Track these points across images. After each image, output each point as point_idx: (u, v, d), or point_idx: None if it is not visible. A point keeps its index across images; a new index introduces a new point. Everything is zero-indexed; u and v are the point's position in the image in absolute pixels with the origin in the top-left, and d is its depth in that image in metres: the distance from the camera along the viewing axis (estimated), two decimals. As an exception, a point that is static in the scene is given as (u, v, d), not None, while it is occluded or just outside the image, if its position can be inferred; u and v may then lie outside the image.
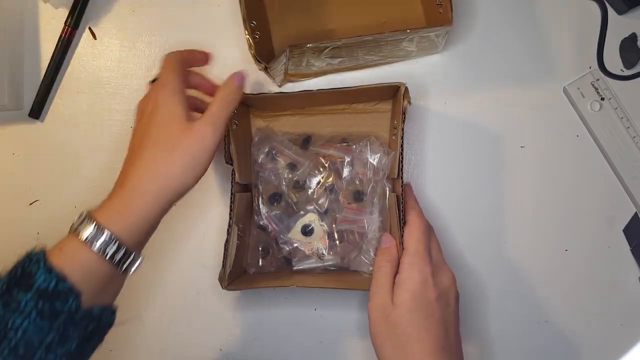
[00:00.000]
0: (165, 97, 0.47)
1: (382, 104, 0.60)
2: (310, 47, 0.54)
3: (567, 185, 0.60)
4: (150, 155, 0.46)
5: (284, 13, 0.62)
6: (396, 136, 0.55)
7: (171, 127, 0.46)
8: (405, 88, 0.52)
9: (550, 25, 0.61)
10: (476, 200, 0.60)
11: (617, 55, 0.60)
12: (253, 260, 0.58)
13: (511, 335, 0.59)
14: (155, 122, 0.47)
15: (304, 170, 0.58)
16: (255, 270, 0.58)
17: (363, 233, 0.57)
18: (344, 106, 0.60)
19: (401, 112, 0.53)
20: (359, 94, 0.57)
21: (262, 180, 0.59)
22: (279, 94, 0.57)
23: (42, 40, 0.64)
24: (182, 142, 0.45)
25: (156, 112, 0.47)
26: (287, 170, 0.58)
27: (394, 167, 0.55)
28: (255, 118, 0.61)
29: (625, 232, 0.59)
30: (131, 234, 0.44)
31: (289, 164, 0.58)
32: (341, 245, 0.58)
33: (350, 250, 0.57)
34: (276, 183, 0.58)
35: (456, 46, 0.62)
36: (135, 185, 0.45)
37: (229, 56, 0.63)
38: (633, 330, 0.59)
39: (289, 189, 0.58)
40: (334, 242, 0.58)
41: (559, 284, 0.60)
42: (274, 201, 0.58)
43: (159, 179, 0.45)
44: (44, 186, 0.64)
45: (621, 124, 0.60)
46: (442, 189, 0.61)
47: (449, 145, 0.61)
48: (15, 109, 0.63)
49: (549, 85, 0.61)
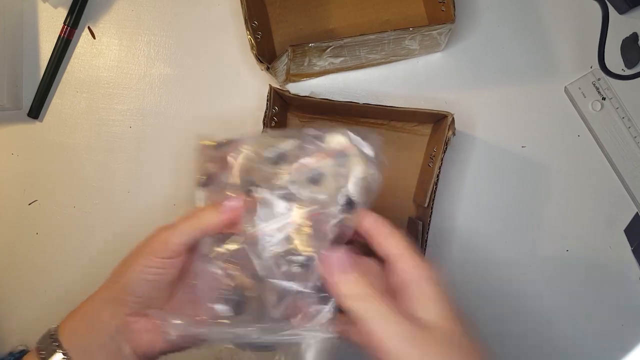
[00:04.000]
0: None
1: (422, 127, 0.59)
2: (312, 46, 0.54)
3: (568, 185, 0.60)
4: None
5: (286, 13, 0.61)
6: (432, 165, 0.54)
7: None
8: (452, 118, 0.52)
9: (552, 24, 0.61)
10: (475, 200, 0.60)
11: (619, 55, 0.60)
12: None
13: (511, 335, 0.59)
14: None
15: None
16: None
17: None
18: (382, 121, 0.60)
19: (443, 142, 0.52)
20: (400, 114, 0.57)
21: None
22: (324, 100, 0.56)
23: (41, 39, 0.64)
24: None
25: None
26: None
27: (425, 195, 0.53)
28: (293, 117, 0.61)
29: (626, 232, 0.59)
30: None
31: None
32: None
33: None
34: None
35: (458, 45, 0.62)
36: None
37: (229, 56, 0.63)
38: (634, 330, 0.59)
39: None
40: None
41: (560, 284, 0.59)
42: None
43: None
44: (43, 186, 0.63)
45: (622, 123, 0.60)
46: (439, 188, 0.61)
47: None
48: (14, 109, 0.63)
49: (550, 84, 0.61)
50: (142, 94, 0.64)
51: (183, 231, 0.42)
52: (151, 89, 0.64)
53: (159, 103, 0.63)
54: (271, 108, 0.55)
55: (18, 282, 0.63)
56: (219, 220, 0.41)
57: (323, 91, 0.62)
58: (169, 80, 0.64)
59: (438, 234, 0.59)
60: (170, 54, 0.64)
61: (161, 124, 0.63)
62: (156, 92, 0.64)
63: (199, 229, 0.42)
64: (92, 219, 0.63)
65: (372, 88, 0.62)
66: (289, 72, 0.59)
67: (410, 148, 0.59)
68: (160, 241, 0.42)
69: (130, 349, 0.42)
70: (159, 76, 0.64)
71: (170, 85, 0.63)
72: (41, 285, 0.63)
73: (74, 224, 0.63)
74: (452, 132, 0.52)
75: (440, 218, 0.60)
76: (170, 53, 0.64)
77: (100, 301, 0.43)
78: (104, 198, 0.63)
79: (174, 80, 0.63)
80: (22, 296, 0.63)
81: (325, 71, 0.61)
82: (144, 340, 0.42)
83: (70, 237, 0.62)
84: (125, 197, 0.62)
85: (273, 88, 0.54)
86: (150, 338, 0.42)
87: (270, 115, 0.55)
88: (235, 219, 0.41)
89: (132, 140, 0.63)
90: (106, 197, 0.63)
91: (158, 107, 0.63)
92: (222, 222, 0.42)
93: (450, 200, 0.60)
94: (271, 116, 0.55)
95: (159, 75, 0.64)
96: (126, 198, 0.62)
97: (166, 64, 0.64)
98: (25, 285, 0.63)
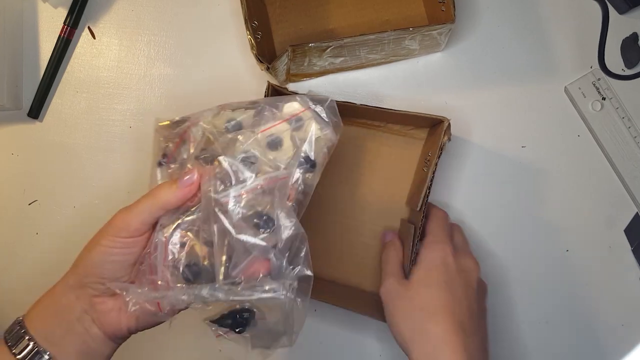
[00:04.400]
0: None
1: (418, 130, 0.59)
2: (312, 46, 0.54)
3: (568, 185, 0.60)
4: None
5: (286, 13, 0.61)
6: (427, 169, 0.54)
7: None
8: (448, 124, 0.52)
9: (552, 24, 0.61)
10: (474, 200, 0.60)
11: (619, 55, 0.60)
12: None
13: (511, 335, 0.59)
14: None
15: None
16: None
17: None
18: (379, 123, 0.60)
19: (438, 147, 0.52)
20: (398, 117, 0.57)
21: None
22: None
23: (41, 39, 0.64)
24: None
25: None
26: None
27: (418, 199, 0.54)
28: None
29: (626, 232, 0.59)
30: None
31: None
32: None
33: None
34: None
35: (458, 44, 0.62)
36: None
37: (229, 56, 0.63)
38: (634, 330, 0.59)
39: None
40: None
41: (560, 284, 0.59)
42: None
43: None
44: (43, 186, 0.63)
45: (622, 123, 0.60)
46: (435, 191, 0.61)
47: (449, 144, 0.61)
48: (14, 109, 0.63)
49: (550, 84, 0.61)
50: (142, 94, 0.64)
51: (142, 210, 0.42)
52: (151, 89, 0.64)
53: (159, 103, 0.63)
54: None
55: (18, 282, 0.63)
56: (176, 196, 0.43)
57: (323, 91, 0.62)
58: (169, 80, 0.64)
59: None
60: (170, 54, 0.64)
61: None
62: (156, 92, 0.64)
63: (158, 206, 0.43)
64: (92, 219, 0.63)
65: (372, 88, 0.62)
66: (289, 72, 0.59)
67: (405, 151, 0.59)
68: (120, 222, 0.43)
69: (98, 329, 0.43)
70: (159, 76, 0.64)
71: (170, 85, 0.63)
72: (41, 285, 0.62)
73: (74, 224, 0.63)
74: (447, 138, 0.52)
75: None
76: (170, 53, 0.64)
77: (65, 286, 0.43)
78: (104, 198, 0.63)
79: (174, 80, 0.63)
80: (22, 296, 0.63)
81: (325, 71, 0.61)
82: (111, 320, 0.43)
83: (70, 237, 0.62)
84: (125, 197, 0.62)
85: (271, 84, 0.54)
86: (116, 317, 0.43)
87: None
88: (192, 192, 0.43)
89: (132, 140, 0.63)
90: (106, 197, 0.63)
91: (158, 107, 0.63)
92: (179, 198, 0.43)
93: (447, 202, 0.60)
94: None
95: (159, 75, 0.64)
96: (126, 198, 0.62)
97: (166, 64, 0.64)
98: (25, 285, 0.63)
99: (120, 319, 0.43)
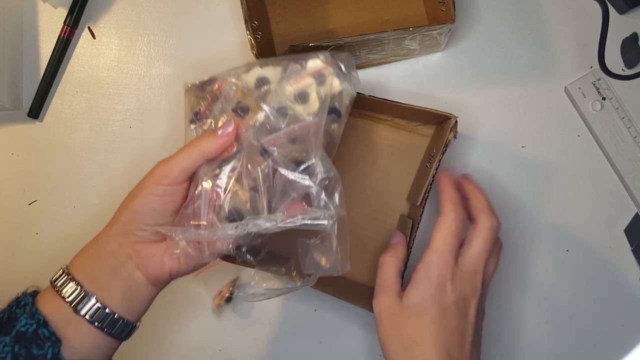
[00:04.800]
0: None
1: (425, 127, 0.59)
2: (311, 46, 0.54)
3: (568, 185, 0.60)
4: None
5: (286, 13, 0.61)
6: (430, 165, 0.54)
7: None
8: (455, 121, 0.52)
9: (552, 24, 0.61)
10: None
11: (619, 55, 0.60)
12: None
13: (511, 335, 0.59)
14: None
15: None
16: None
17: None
18: (386, 117, 0.60)
19: (443, 143, 0.52)
20: (405, 111, 0.57)
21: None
22: None
23: (41, 39, 0.64)
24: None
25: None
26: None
27: (419, 194, 0.53)
28: None
29: (626, 232, 0.59)
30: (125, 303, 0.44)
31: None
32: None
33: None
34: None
35: (458, 45, 0.62)
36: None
37: (229, 56, 0.63)
38: (634, 330, 0.59)
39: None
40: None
41: (560, 284, 0.59)
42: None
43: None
44: (43, 186, 0.63)
45: (622, 123, 0.60)
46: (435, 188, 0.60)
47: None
48: (14, 109, 0.63)
49: (550, 84, 0.61)
50: (142, 94, 0.64)
51: (183, 158, 0.44)
52: (151, 89, 0.64)
53: (159, 103, 0.63)
54: None
55: (18, 282, 0.63)
56: (216, 144, 0.44)
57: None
58: (169, 80, 0.64)
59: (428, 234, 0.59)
60: (170, 54, 0.64)
61: (161, 124, 0.63)
62: (156, 92, 0.64)
63: (199, 154, 0.44)
64: (92, 219, 0.63)
65: (372, 88, 0.61)
66: (289, 72, 0.59)
67: (410, 147, 0.59)
68: (162, 170, 0.44)
69: (142, 274, 0.45)
70: (159, 76, 0.64)
71: (170, 85, 0.63)
72: (41, 285, 0.63)
73: (74, 224, 0.63)
74: (453, 135, 0.52)
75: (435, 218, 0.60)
76: (170, 53, 0.64)
77: (108, 234, 0.45)
78: (104, 198, 0.63)
79: (174, 80, 0.64)
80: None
81: (325, 71, 0.61)
82: (154, 265, 0.45)
83: (70, 237, 0.62)
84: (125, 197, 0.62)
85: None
86: (159, 261, 0.45)
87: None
88: (231, 141, 0.45)
89: (132, 140, 0.63)
90: (106, 197, 0.63)
91: (158, 107, 0.63)
92: (219, 145, 0.45)
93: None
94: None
95: (159, 75, 0.64)
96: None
97: (166, 64, 0.64)
98: (25, 285, 0.63)
99: (164, 263, 0.45)
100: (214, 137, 0.45)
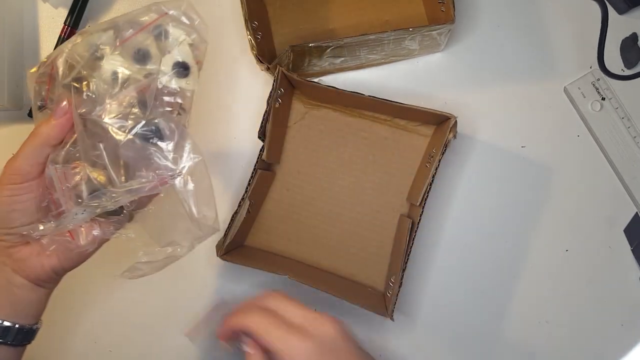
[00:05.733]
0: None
1: (424, 127, 0.59)
2: (312, 46, 0.54)
3: (568, 185, 0.60)
4: None
5: (286, 13, 0.62)
6: (429, 165, 0.54)
7: None
8: (455, 121, 0.52)
9: (551, 24, 0.61)
10: (473, 200, 0.60)
11: (618, 55, 0.60)
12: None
13: (511, 335, 0.59)
14: None
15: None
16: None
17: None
18: (386, 117, 0.60)
19: (443, 144, 0.52)
20: (405, 111, 0.57)
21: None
22: (330, 87, 0.56)
23: (41, 39, 0.64)
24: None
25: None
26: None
27: (418, 194, 0.54)
28: (297, 101, 0.61)
29: (625, 232, 0.59)
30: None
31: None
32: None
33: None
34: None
35: (457, 45, 0.62)
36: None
37: (229, 56, 0.63)
38: (633, 330, 0.59)
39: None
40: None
41: (560, 284, 0.59)
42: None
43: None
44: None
45: (622, 123, 0.60)
46: (435, 188, 0.61)
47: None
48: (14, 109, 0.63)
49: (550, 84, 0.61)
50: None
51: (27, 152, 0.43)
52: (151, 89, 0.63)
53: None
54: (277, 89, 0.55)
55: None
56: (54, 127, 0.42)
57: (323, 91, 0.62)
58: (169, 81, 0.63)
59: (428, 234, 0.60)
60: (171, 54, 0.64)
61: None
62: (156, 92, 0.63)
63: (41, 143, 0.43)
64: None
65: (372, 88, 0.61)
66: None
67: (410, 147, 0.59)
68: (11, 169, 0.43)
69: (21, 278, 0.43)
70: (159, 76, 0.64)
71: (170, 86, 0.63)
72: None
73: (74, 224, 0.63)
74: (453, 135, 0.52)
75: (434, 218, 0.60)
76: (170, 53, 0.64)
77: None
78: None
79: (174, 80, 0.63)
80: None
81: (325, 71, 0.61)
82: (32, 265, 0.43)
83: (70, 237, 0.62)
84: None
85: (281, 70, 0.54)
86: (36, 261, 0.43)
87: (276, 96, 0.55)
88: (70, 120, 0.43)
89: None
90: (106, 197, 0.63)
91: (158, 107, 0.63)
92: (58, 129, 0.43)
93: (447, 200, 0.60)
94: (276, 97, 0.55)
95: (159, 75, 0.64)
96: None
97: (166, 64, 0.64)
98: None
99: (41, 261, 0.43)
100: (52, 122, 0.42)
